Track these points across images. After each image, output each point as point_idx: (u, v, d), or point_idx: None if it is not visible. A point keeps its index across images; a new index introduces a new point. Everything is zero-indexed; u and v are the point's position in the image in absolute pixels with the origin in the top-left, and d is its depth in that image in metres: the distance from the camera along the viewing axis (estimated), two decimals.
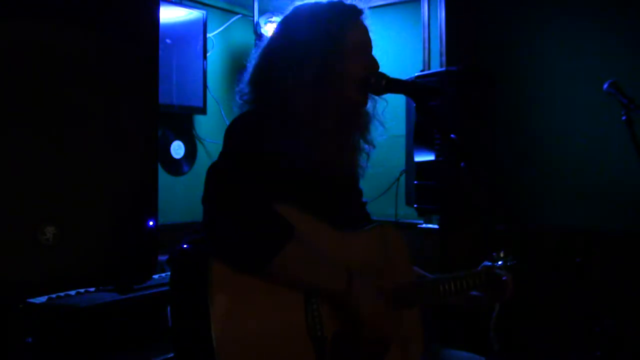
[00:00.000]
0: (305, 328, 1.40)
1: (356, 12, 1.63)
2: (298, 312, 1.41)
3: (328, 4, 1.62)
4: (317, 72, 1.53)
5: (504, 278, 1.73)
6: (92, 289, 2.14)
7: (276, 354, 1.36)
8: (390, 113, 1.77)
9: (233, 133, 1.49)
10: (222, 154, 1.47)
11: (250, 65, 1.65)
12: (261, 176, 1.38)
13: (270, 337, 1.36)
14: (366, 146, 1.70)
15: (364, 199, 1.82)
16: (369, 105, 1.68)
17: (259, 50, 1.65)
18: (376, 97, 1.69)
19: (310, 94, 1.53)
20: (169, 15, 3.42)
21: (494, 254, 1.80)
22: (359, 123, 1.66)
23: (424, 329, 1.67)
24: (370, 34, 1.66)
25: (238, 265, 1.34)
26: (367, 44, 1.64)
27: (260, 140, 1.45)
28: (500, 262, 1.77)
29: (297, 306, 1.41)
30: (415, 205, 3.05)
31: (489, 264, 1.78)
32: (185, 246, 1.43)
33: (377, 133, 1.71)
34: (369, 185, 1.83)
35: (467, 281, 1.70)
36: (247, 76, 1.64)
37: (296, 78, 1.53)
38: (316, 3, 1.63)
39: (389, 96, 1.66)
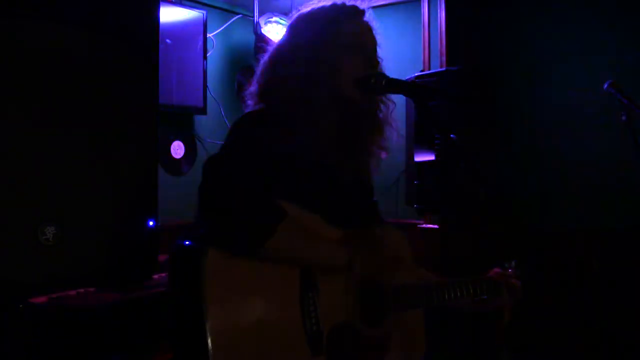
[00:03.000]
0: (300, 323, 1.40)
1: (356, 11, 1.64)
2: (293, 307, 1.41)
3: (328, 5, 1.63)
4: (313, 66, 1.55)
5: (510, 285, 1.73)
6: (92, 289, 2.14)
7: (271, 348, 1.36)
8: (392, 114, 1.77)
9: (233, 130, 1.51)
10: (220, 147, 1.48)
11: (258, 69, 1.67)
12: (255, 167, 1.39)
13: (264, 332, 1.35)
14: (378, 151, 1.70)
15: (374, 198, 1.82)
16: (383, 109, 1.69)
17: (266, 54, 1.67)
18: (388, 102, 1.70)
19: (307, 89, 1.54)
20: (169, 15, 3.42)
21: (505, 264, 1.80)
22: (370, 127, 1.66)
23: (425, 331, 1.67)
24: (377, 36, 1.66)
25: (235, 247, 1.34)
26: (367, 41, 1.64)
27: (260, 137, 1.46)
28: (510, 270, 1.78)
29: (292, 300, 1.41)
30: (415, 205, 3.05)
31: (497, 270, 1.79)
32: (185, 243, 1.43)
33: (392, 138, 1.72)
34: None
35: (475, 287, 1.69)
36: (254, 79, 1.67)
37: (294, 75, 1.55)
38: (318, 6, 1.65)
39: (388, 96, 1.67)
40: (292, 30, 1.66)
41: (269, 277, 1.38)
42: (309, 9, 1.66)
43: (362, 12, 1.66)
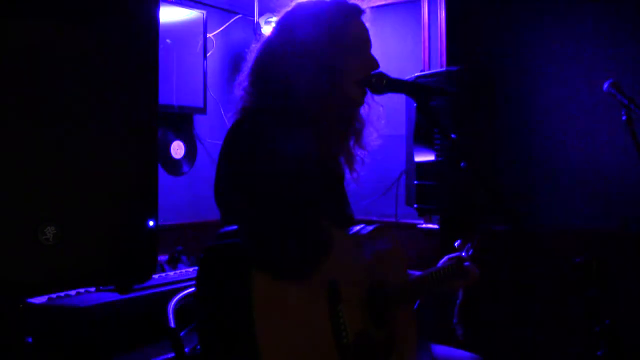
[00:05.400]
0: (332, 337, 1.40)
1: (357, 11, 1.64)
2: (324, 321, 1.40)
3: (330, 2, 1.62)
4: (317, 66, 1.54)
5: (466, 265, 1.75)
6: (92, 289, 2.14)
7: None
8: (390, 113, 1.77)
9: (240, 137, 1.48)
10: (232, 161, 1.45)
11: (251, 59, 1.64)
12: (292, 184, 1.37)
13: (305, 351, 1.35)
14: (360, 151, 1.71)
15: (351, 202, 1.83)
16: (364, 111, 1.69)
17: (259, 45, 1.64)
18: (370, 104, 1.70)
19: (311, 88, 1.53)
20: (169, 15, 3.42)
21: (455, 244, 1.85)
22: (352, 127, 1.67)
23: (417, 328, 1.68)
24: (371, 36, 1.67)
25: (286, 274, 1.34)
26: (367, 42, 1.65)
27: (268, 142, 1.44)
28: (463, 253, 1.82)
29: (323, 314, 1.40)
30: (415, 205, 3.05)
31: (456, 254, 1.82)
32: (225, 255, 1.41)
33: (371, 139, 1.72)
34: (369, 185, 1.83)
35: (447, 271, 1.71)
36: (247, 70, 1.64)
37: (297, 73, 1.54)
38: (318, 1, 1.64)
39: (388, 96, 1.67)
40: (290, 22, 1.62)
41: (301, 292, 1.38)
42: (308, 2, 1.65)
43: (362, 12, 1.66)
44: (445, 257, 1.82)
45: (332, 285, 1.42)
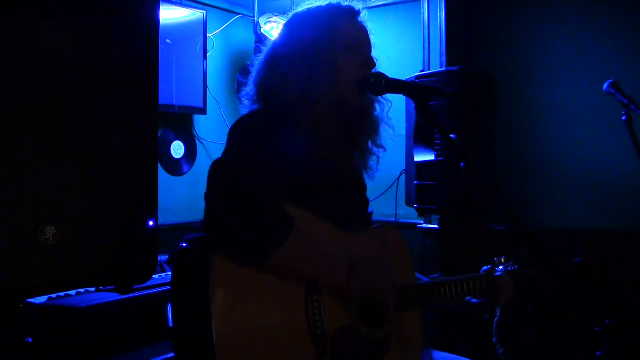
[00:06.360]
0: (306, 326, 1.40)
1: (352, 12, 1.65)
2: (299, 310, 1.41)
3: (325, 6, 1.64)
4: (313, 67, 1.55)
5: (503, 282, 1.71)
6: (92, 289, 2.14)
7: (277, 352, 1.36)
8: (390, 113, 1.77)
9: (236, 131, 1.52)
10: (224, 151, 1.48)
11: (254, 69, 1.68)
12: (262, 171, 1.38)
13: (271, 335, 1.36)
14: (375, 149, 1.70)
15: (370, 209, 1.81)
16: (378, 108, 1.69)
17: (262, 55, 1.68)
18: (383, 101, 1.70)
19: (307, 90, 1.54)
20: (169, 15, 3.42)
21: (495, 258, 1.78)
22: (366, 126, 1.66)
23: (423, 331, 1.67)
24: (371, 37, 1.67)
25: (242, 257, 1.34)
26: (363, 42, 1.65)
27: (262, 139, 1.46)
28: (501, 267, 1.76)
29: (298, 304, 1.41)
30: (415, 205, 3.05)
31: (489, 267, 1.77)
32: (184, 245, 1.43)
33: (386, 136, 1.72)
34: (368, 185, 1.83)
35: (468, 285, 1.69)
36: (251, 80, 1.67)
37: (294, 76, 1.55)
38: (314, 6, 1.65)
39: (388, 96, 1.67)
40: (288, 30, 1.66)
41: (275, 280, 1.38)
42: (304, 9, 1.67)
43: (358, 12, 1.66)
44: (483, 269, 1.77)
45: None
